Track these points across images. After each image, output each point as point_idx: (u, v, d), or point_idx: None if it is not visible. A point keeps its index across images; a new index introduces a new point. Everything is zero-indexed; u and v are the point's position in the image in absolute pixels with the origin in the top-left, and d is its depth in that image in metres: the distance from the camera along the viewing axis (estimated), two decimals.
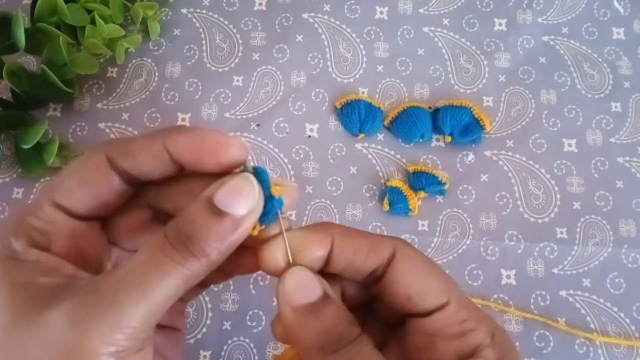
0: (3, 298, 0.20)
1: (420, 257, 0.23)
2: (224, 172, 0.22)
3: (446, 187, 0.42)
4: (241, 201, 0.21)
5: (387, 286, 0.23)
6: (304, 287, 0.22)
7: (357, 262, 0.23)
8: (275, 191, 0.22)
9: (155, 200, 0.24)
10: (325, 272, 0.23)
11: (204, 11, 0.48)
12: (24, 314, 0.20)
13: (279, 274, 0.22)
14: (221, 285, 0.40)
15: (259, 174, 0.22)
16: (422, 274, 0.23)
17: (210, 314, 0.40)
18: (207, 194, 0.21)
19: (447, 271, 0.24)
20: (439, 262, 0.41)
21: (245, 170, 0.22)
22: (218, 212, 0.20)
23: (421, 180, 0.42)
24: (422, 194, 0.42)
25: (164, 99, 0.45)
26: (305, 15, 0.48)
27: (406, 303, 0.22)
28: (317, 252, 0.22)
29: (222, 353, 0.39)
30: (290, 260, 0.22)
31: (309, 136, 0.44)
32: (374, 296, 0.25)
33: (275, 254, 0.22)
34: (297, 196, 0.23)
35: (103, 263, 0.25)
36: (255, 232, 0.22)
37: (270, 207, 0.22)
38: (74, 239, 0.23)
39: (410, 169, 0.43)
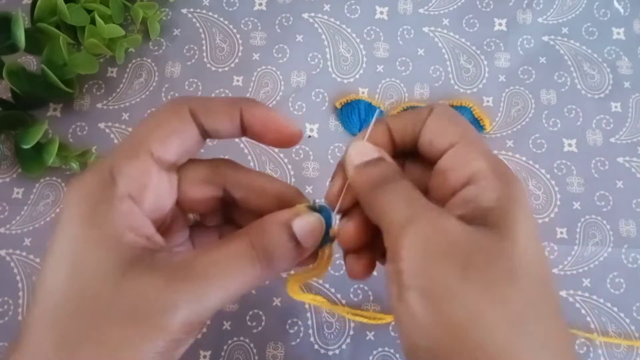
0: (90, 251, 0.22)
1: (447, 110, 0.27)
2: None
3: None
4: (312, 238, 0.25)
5: (420, 138, 0.27)
6: (362, 151, 0.26)
7: (408, 130, 0.27)
8: (333, 233, 0.27)
9: (230, 184, 0.27)
10: (396, 150, 0.28)
11: (204, 11, 0.48)
12: (109, 272, 0.22)
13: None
14: None
15: (323, 212, 0.27)
16: (442, 122, 0.26)
17: None
18: (286, 220, 0.25)
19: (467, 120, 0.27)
20: None
21: (314, 206, 0.27)
22: (296, 242, 0.25)
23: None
24: None
25: (164, 99, 0.45)
26: (305, 15, 0.48)
27: (429, 147, 0.26)
28: (381, 139, 0.27)
29: (222, 353, 0.39)
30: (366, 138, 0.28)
31: (309, 136, 0.44)
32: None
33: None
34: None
35: (173, 228, 0.28)
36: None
37: (325, 241, 0.27)
38: (159, 196, 0.25)
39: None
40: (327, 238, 0.27)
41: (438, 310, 0.21)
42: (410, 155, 0.28)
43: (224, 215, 0.30)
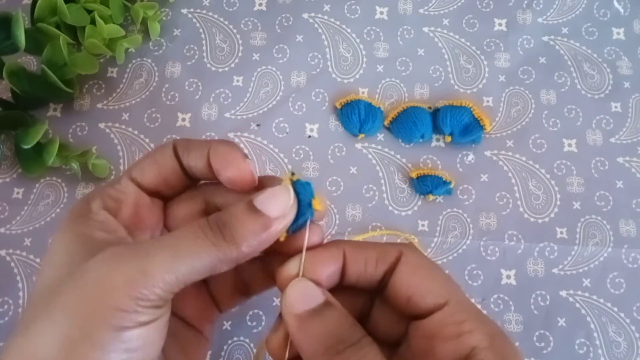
0: (66, 244, 0.25)
1: (422, 260, 0.24)
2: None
3: (452, 185, 0.42)
4: (275, 204, 0.23)
5: (390, 289, 0.24)
6: (305, 294, 0.23)
7: (368, 270, 0.24)
8: (314, 204, 0.24)
9: (209, 195, 0.29)
10: (341, 285, 0.25)
11: (204, 11, 0.48)
12: (77, 258, 0.24)
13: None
14: None
15: (300, 186, 0.24)
16: (423, 275, 0.23)
17: None
18: (251, 197, 0.24)
19: (447, 271, 0.24)
20: (439, 262, 0.41)
21: (291, 178, 0.25)
22: (254, 210, 0.23)
23: (427, 184, 0.42)
24: (430, 197, 0.42)
25: (164, 99, 0.45)
26: (305, 15, 0.48)
27: (407, 304, 0.23)
28: (330, 267, 0.24)
29: (222, 353, 0.39)
30: (301, 274, 0.24)
31: (309, 136, 0.44)
32: (376, 311, 0.26)
33: (290, 268, 0.24)
34: (326, 211, 0.27)
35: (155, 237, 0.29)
36: (282, 239, 0.25)
37: (301, 216, 0.24)
38: (138, 208, 0.28)
39: (414, 175, 0.42)
40: (307, 210, 0.24)
41: None
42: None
43: None
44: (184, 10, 0.48)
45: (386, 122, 0.44)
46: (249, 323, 0.39)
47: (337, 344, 0.21)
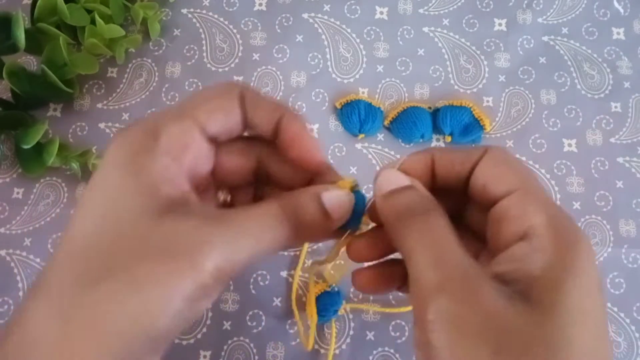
0: (125, 197, 0.22)
1: (504, 155, 0.25)
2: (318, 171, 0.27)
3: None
4: (339, 211, 0.25)
5: (471, 181, 0.25)
6: (389, 179, 0.25)
7: (455, 169, 0.26)
8: (364, 220, 0.27)
9: (264, 156, 0.28)
10: (435, 188, 0.26)
11: (204, 11, 0.48)
12: (144, 214, 0.22)
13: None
14: None
15: (359, 197, 0.26)
16: (499, 166, 0.25)
17: (210, 314, 0.39)
18: (316, 191, 0.25)
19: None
20: None
21: (351, 185, 0.27)
22: (324, 213, 0.25)
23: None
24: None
25: (164, 99, 0.45)
26: (305, 15, 0.48)
27: (482, 192, 0.25)
28: (419, 165, 0.26)
29: (222, 353, 0.39)
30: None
31: None
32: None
33: (386, 165, 0.27)
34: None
35: (206, 190, 0.28)
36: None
37: (347, 225, 0.26)
38: (198, 159, 0.25)
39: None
40: (356, 221, 0.27)
41: None
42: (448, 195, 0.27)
43: (254, 194, 0.30)
44: (184, 10, 0.48)
45: (386, 122, 0.44)
46: (249, 323, 0.39)
47: (409, 211, 0.23)
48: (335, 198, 0.25)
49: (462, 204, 0.28)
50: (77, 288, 0.21)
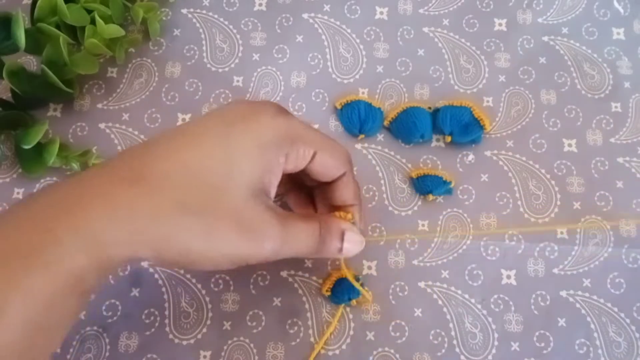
0: (251, 163, 0.29)
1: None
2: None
3: (452, 185, 0.42)
4: (353, 250, 0.35)
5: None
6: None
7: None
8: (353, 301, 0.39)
9: (308, 173, 0.35)
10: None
11: (204, 11, 0.48)
12: (248, 184, 0.29)
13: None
14: (221, 285, 0.40)
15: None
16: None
17: (210, 314, 0.40)
18: (344, 228, 0.34)
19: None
20: (439, 262, 0.41)
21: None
22: (341, 249, 0.34)
23: (427, 184, 0.42)
24: (430, 197, 0.42)
25: (164, 99, 0.45)
26: (305, 16, 0.48)
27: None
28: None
29: (222, 353, 0.39)
30: None
31: None
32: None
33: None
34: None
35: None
36: None
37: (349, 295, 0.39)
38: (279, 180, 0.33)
39: (414, 175, 0.42)
40: (351, 292, 0.39)
41: None
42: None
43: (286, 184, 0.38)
44: (184, 10, 0.48)
45: (386, 123, 0.44)
46: (249, 323, 0.39)
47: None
48: (353, 244, 0.34)
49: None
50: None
